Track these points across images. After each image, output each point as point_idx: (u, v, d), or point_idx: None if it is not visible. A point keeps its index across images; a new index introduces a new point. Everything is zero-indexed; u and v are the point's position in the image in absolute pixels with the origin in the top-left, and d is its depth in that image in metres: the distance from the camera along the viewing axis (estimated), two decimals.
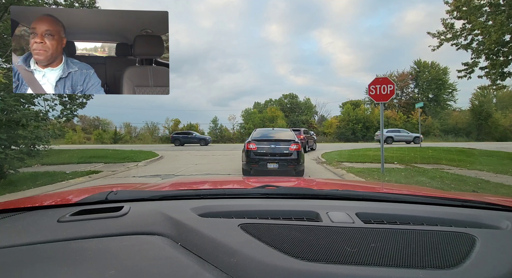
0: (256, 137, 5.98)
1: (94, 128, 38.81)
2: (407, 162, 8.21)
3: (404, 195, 0.97)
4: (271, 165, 5.43)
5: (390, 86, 5.78)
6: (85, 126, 43.26)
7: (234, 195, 0.91)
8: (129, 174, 6.97)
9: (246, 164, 5.63)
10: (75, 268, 0.46)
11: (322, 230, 0.60)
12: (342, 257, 0.49)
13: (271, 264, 0.46)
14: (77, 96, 11.81)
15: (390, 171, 6.46)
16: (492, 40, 7.36)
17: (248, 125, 33.64)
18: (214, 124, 35.91)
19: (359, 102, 37.11)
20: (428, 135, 32.31)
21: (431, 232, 0.59)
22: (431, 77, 35.91)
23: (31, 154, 5.08)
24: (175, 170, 7.60)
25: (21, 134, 4.82)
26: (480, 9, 7.84)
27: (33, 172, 6.45)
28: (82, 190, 1.19)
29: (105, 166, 8.13)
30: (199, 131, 35.45)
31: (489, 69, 8.49)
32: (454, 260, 0.49)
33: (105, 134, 35.84)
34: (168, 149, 17.37)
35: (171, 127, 35.06)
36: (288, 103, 39.69)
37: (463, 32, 8.75)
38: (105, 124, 44.61)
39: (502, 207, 0.80)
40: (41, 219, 0.70)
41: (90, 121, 45.55)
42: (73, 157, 10.05)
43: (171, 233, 0.59)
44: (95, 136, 34.57)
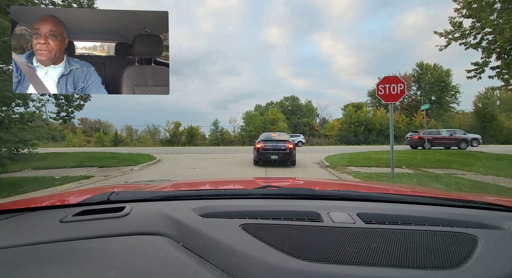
0: (262, 138, 8.98)
1: (96, 131, 38.74)
2: (416, 166, 7.74)
3: (406, 196, 0.95)
4: (273, 156, 8.25)
5: (401, 85, 5.36)
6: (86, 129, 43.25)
7: (235, 196, 0.91)
8: (122, 179, 6.55)
9: (257, 156, 8.54)
10: (77, 268, 0.46)
11: (324, 231, 0.60)
12: (344, 257, 0.49)
13: (272, 264, 0.46)
14: (74, 98, 11.43)
15: (400, 176, 6.00)
16: (505, 39, 6.92)
17: (249, 127, 33.21)
18: (215, 127, 35.46)
19: (361, 105, 36.62)
20: None
21: (432, 233, 0.59)
22: (433, 80, 35.39)
23: (13, 158, 4.64)
24: (171, 174, 7.19)
25: (2, 138, 4.39)
26: (491, 6, 7.40)
27: (21, 177, 6.04)
28: (84, 190, 1.18)
29: (99, 171, 7.72)
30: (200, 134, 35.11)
31: (501, 69, 8.04)
32: (455, 260, 0.49)
33: (106, 137, 35.60)
34: (167, 152, 17.03)
35: (172, 130, 34.68)
36: (289, 105, 39.30)
37: (472, 31, 8.32)
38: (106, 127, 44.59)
39: (503, 207, 0.79)
40: (43, 219, 0.70)
41: (91, 124, 45.64)
42: (68, 160, 9.66)
43: (172, 233, 0.59)
44: (95, 139, 34.32)
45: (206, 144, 32.86)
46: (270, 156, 8.23)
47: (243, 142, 33.02)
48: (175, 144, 32.76)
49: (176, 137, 33.87)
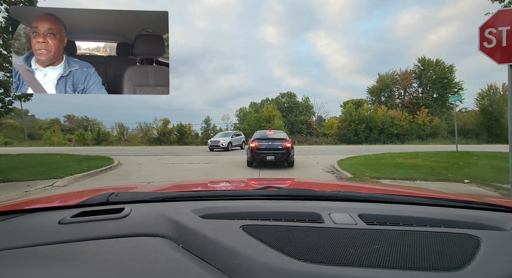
0: (257, 137, 7.97)
1: (83, 129, 35.92)
2: (478, 177, 5.06)
3: (407, 196, 0.91)
4: (269, 157, 7.28)
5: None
6: (73, 127, 39.96)
7: (236, 197, 0.89)
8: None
9: (250, 156, 7.56)
10: (76, 270, 0.46)
11: (324, 232, 0.59)
12: (345, 258, 0.49)
13: (273, 265, 0.46)
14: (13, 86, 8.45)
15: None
16: None
17: (242, 125, 30.65)
18: (206, 125, 32.47)
19: (361, 101, 34.01)
20: (436, 137, 29.44)
21: (434, 234, 0.58)
22: (435, 76, 33.06)
23: None
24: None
25: None
26: None
27: None
28: (83, 191, 1.14)
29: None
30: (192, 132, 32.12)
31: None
32: (458, 262, 0.48)
33: (88, 135, 32.27)
34: (145, 153, 15.17)
35: (160, 127, 31.55)
36: (286, 102, 36.48)
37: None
38: (94, 125, 41.36)
39: (505, 208, 0.78)
40: (42, 221, 0.69)
41: (78, 122, 42.46)
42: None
43: (172, 235, 0.58)
44: (76, 137, 31.03)
45: (197, 143, 29.85)
46: (265, 156, 7.28)
47: None
48: (163, 143, 29.85)
49: (164, 136, 30.90)
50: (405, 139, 29.86)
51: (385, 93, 36.68)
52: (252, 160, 7.51)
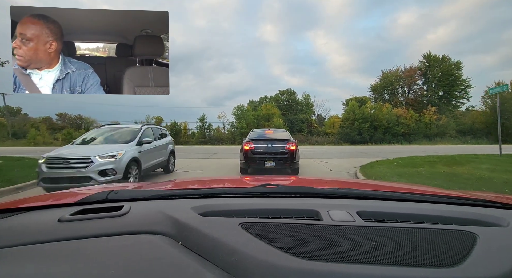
0: (253, 137, 6.43)
1: (77, 128, 33.86)
2: None
3: (405, 193, 0.94)
4: (268, 163, 5.81)
5: None
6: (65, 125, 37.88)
7: (235, 194, 0.90)
8: None
9: (244, 162, 6.11)
10: (75, 268, 0.47)
11: (323, 229, 0.60)
12: (343, 255, 0.49)
13: (271, 263, 0.46)
14: None
15: None
16: None
17: (240, 124, 28.94)
18: (201, 123, 30.43)
19: (364, 99, 32.12)
20: (444, 137, 27.65)
21: (432, 230, 0.59)
22: (441, 73, 31.27)
23: None
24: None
25: None
26: None
27: None
28: (83, 189, 1.15)
29: None
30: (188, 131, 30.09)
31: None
32: (455, 258, 0.49)
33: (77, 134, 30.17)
34: None
35: None
36: (286, 100, 34.48)
37: None
38: (88, 123, 39.38)
39: (502, 205, 0.80)
40: (41, 219, 0.70)
41: (72, 120, 40.38)
42: None
43: (171, 232, 0.59)
44: (63, 136, 28.98)
45: (192, 143, 27.92)
46: (263, 161, 5.84)
47: (233, 140, 28.17)
48: None
49: None
50: (411, 139, 28.08)
51: (389, 91, 35.16)
52: (247, 166, 5.97)
